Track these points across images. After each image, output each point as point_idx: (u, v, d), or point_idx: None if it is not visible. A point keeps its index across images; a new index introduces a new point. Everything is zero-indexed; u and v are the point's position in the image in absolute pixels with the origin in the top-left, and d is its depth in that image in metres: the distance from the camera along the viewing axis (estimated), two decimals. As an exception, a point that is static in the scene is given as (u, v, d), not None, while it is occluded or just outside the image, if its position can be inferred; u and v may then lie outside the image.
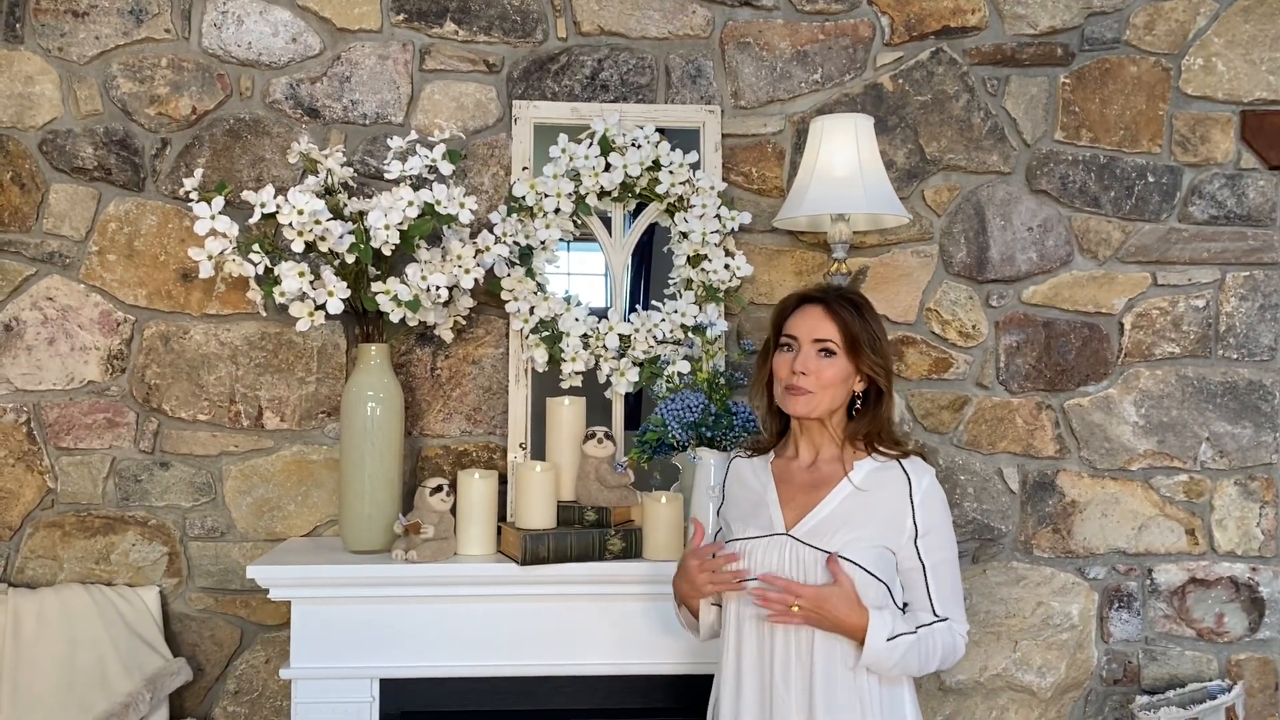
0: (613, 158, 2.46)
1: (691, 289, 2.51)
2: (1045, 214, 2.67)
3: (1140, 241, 2.69)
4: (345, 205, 2.33)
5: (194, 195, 2.26)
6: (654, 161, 2.48)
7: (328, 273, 2.24)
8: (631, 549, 2.26)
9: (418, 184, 2.35)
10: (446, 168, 2.33)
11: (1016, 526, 2.66)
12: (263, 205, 2.21)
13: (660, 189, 2.48)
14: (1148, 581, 2.69)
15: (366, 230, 2.24)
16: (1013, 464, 2.66)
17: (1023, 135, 2.67)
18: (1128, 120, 2.68)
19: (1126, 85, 2.68)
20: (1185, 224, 2.69)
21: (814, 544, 1.71)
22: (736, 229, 2.53)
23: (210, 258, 2.24)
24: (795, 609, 1.66)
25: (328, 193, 2.34)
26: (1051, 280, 2.67)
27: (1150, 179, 2.68)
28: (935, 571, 1.73)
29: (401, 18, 2.56)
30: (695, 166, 2.52)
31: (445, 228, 2.34)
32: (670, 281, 2.55)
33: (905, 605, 1.75)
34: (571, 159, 2.45)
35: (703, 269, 2.49)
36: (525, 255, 2.46)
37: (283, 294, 2.23)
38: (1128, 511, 2.68)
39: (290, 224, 2.19)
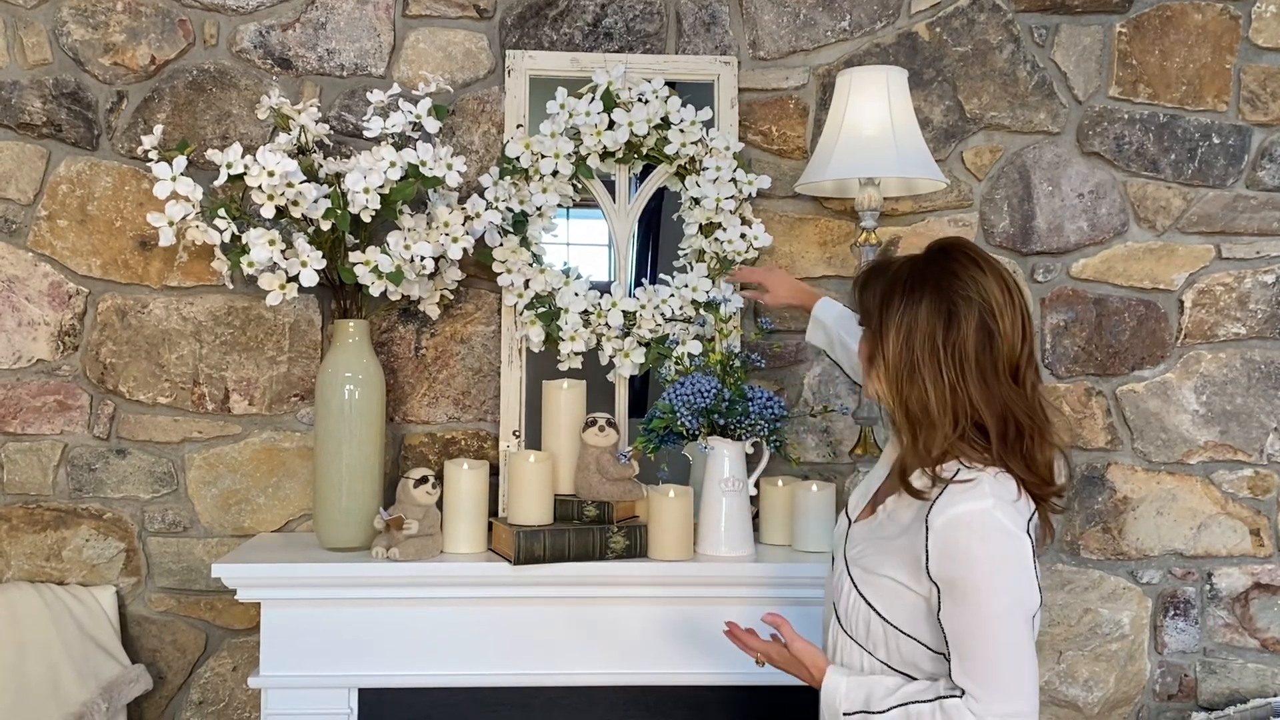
0: (617, 114, 2.44)
1: (704, 261, 2.50)
2: (1098, 179, 2.65)
3: (1203, 210, 2.67)
4: (320, 166, 2.32)
5: (153, 154, 2.25)
6: (663, 119, 2.47)
7: (301, 241, 2.23)
8: (635, 548, 2.26)
9: (400, 143, 2.34)
10: (432, 125, 2.31)
11: (1062, 525, 2.65)
12: (229, 166, 2.20)
13: (670, 149, 2.46)
14: (1207, 587, 2.68)
15: (344, 194, 2.23)
16: (1058, 457, 2.65)
17: (1073, 91, 2.64)
18: (1191, 74, 2.66)
19: (1190, 35, 2.65)
20: (1254, 190, 2.67)
21: (855, 578, 1.57)
22: (754, 194, 2.51)
23: (171, 224, 2.23)
24: (758, 661, 1.66)
25: (301, 152, 2.33)
26: (1104, 252, 2.65)
27: (1215, 140, 2.66)
28: (959, 630, 1.46)
29: (383, -43, 2.54)
30: (709, 124, 2.50)
31: (431, 191, 2.33)
32: (680, 253, 2.54)
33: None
34: (571, 115, 2.44)
35: (716, 239, 2.48)
36: (519, 223, 2.45)
37: (251, 264, 2.23)
38: (1186, 509, 2.67)
39: (259, 187, 2.18)
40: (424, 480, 2.23)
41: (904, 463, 1.54)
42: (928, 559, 1.47)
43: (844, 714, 1.53)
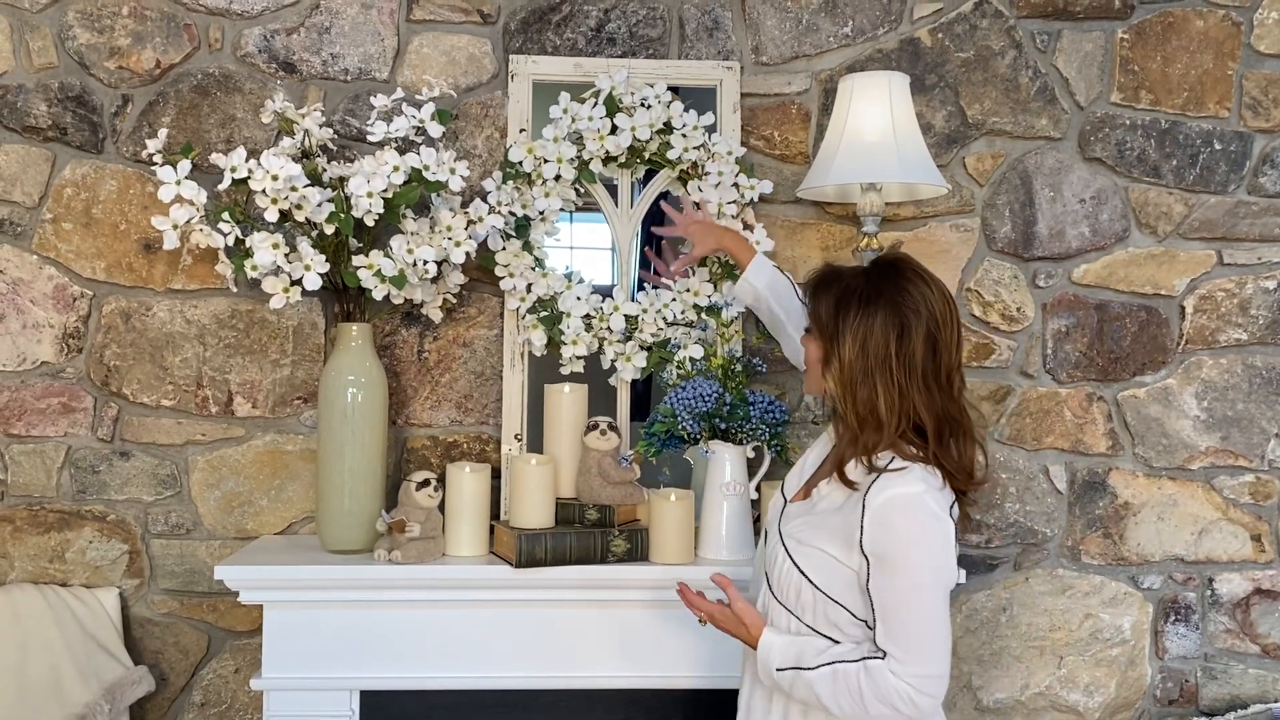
0: (619, 119, 2.46)
1: (706, 265, 2.51)
2: (1099, 184, 2.66)
3: (1205, 216, 2.68)
4: (324, 170, 2.33)
5: (158, 158, 2.26)
6: (665, 123, 2.48)
7: (304, 244, 2.25)
8: (637, 551, 2.27)
9: (404, 147, 2.35)
10: (436, 129, 2.33)
11: (1063, 530, 2.66)
12: (233, 169, 2.21)
13: (672, 154, 2.48)
14: (1208, 592, 2.69)
15: (347, 198, 2.24)
16: (1060, 461, 2.66)
17: (1075, 97, 2.66)
18: (1192, 81, 2.67)
19: (1192, 41, 2.66)
20: (1255, 196, 2.68)
21: (790, 549, 1.71)
22: (756, 199, 2.52)
23: (175, 227, 2.25)
24: (701, 620, 1.82)
25: (305, 156, 2.35)
26: (1105, 258, 2.66)
27: (1217, 146, 2.67)
28: (886, 599, 1.61)
29: (387, -38, 2.56)
30: (711, 129, 2.52)
31: (434, 196, 2.34)
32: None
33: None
34: (574, 120, 2.45)
35: (718, 243, 2.49)
36: (522, 227, 2.47)
37: (255, 268, 2.24)
38: (1187, 515, 2.68)
39: (263, 190, 2.19)
40: (426, 483, 2.24)
41: (842, 455, 1.69)
42: (862, 535, 1.61)
43: (777, 669, 1.68)
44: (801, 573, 1.68)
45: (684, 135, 2.48)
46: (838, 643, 1.66)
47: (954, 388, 1.69)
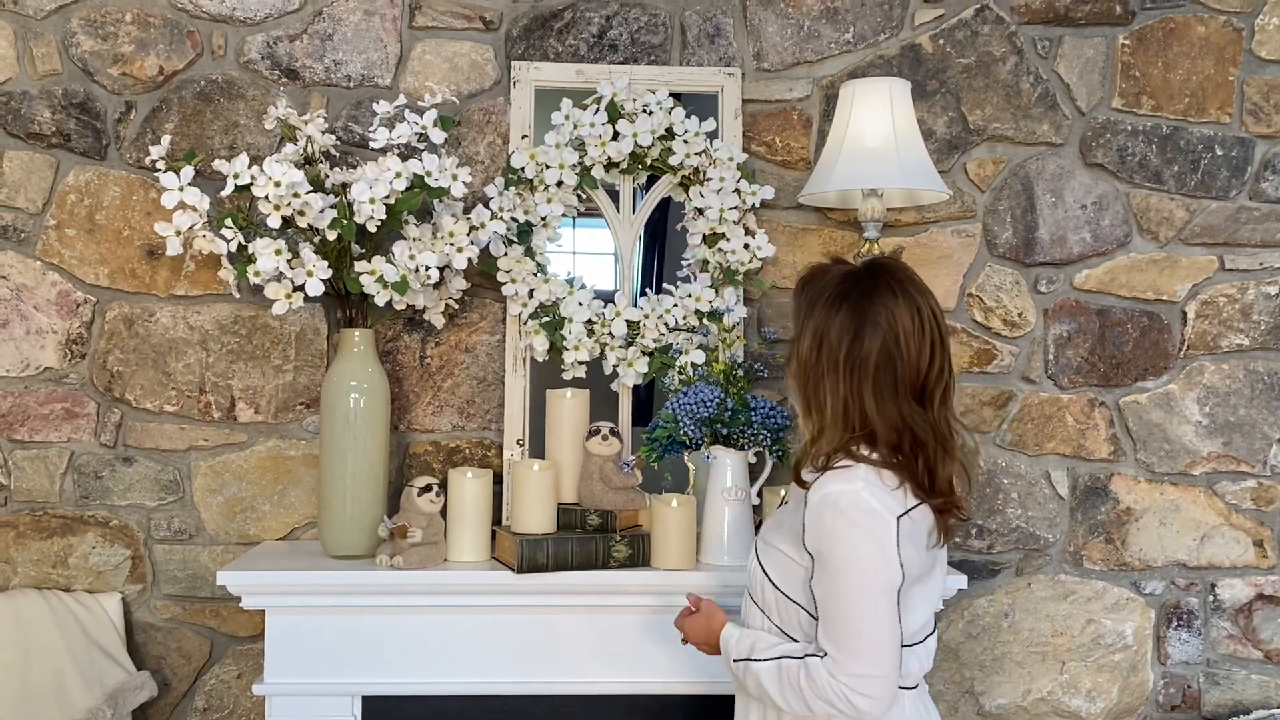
0: (621, 125, 2.47)
1: (708, 271, 2.52)
2: (1101, 190, 2.67)
3: (1206, 221, 2.68)
4: (326, 176, 2.34)
5: (161, 164, 2.27)
6: (667, 130, 2.49)
7: (307, 251, 2.26)
8: (638, 556, 2.27)
9: (406, 153, 2.36)
10: (438, 136, 2.34)
11: (1065, 536, 2.67)
12: (236, 176, 2.22)
13: (674, 160, 2.49)
14: (1210, 598, 2.69)
15: (350, 204, 2.25)
16: (1062, 467, 2.67)
17: (1076, 103, 2.66)
18: (1194, 86, 2.68)
19: (1193, 47, 2.67)
20: (1257, 202, 2.68)
21: (758, 549, 1.76)
22: (758, 205, 2.53)
23: (178, 233, 2.26)
24: (683, 640, 1.89)
25: (307, 162, 2.36)
26: (1107, 264, 2.67)
27: (1218, 152, 2.68)
28: (824, 597, 1.62)
29: (389, -31, 2.57)
30: (712, 135, 2.53)
31: (436, 202, 2.35)
32: (684, 262, 2.56)
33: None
34: (576, 126, 2.46)
35: (720, 249, 2.50)
36: (524, 233, 2.47)
37: (258, 274, 2.25)
38: (1189, 520, 2.68)
39: (266, 197, 2.20)
40: (428, 488, 2.24)
41: (800, 456, 1.73)
42: (804, 532, 1.64)
43: (733, 660, 1.73)
44: (765, 572, 1.72)
45: (685, 141, 2.48)
46: (797, 640, 1.68)
47: (929, 402, 1.67)
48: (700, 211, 2.50)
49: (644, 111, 2.48)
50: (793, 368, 1.72)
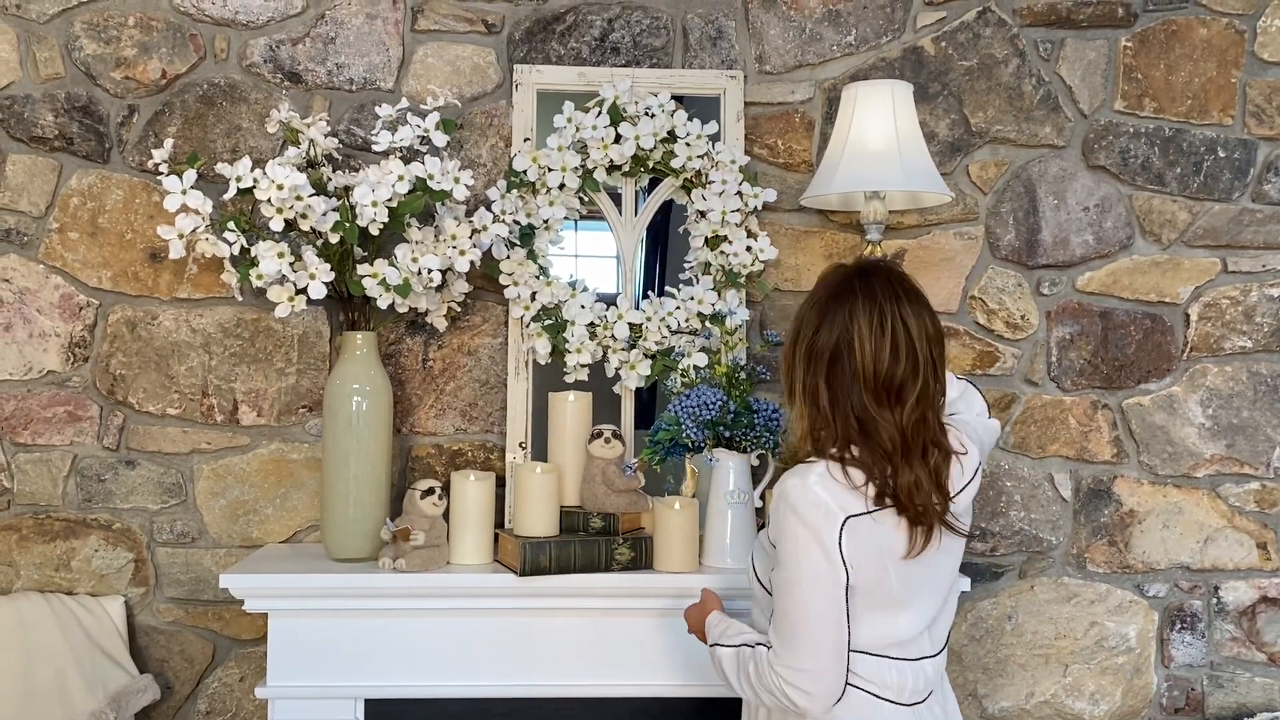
0: (623, 128, 2.47)
1: (710, 273, 2.52)
2: (1103, 192, 2.67)
3: (1209, 223, 2.68)
4: (329, 180, 2.35)
5: (164, 168, 2.28)
6: (669, 132, 2.50)
7: (309, 254, 2.26)
8: (641, 559, 2.27)
9: (409, 156, 2.37)
10: (440, 139, 2.34)
11: (1068, 538, 2.67)
12: (239, 179, 2.23)
13: (676, 163, 2.49)
14: (1214, 600, 2.69)
15: (352, 207, 2.26)
16: (1065, 469, 2.67)
17: (1079, 105, 2.67)
18: (1196, 88, 2.68)
19: (1195, 49, 2.67)
20: (1260, 204, 2.68)
21: (754, 548, 1.83)
22: (760, 207, 2.53)
23: (181, 236, 2.26)
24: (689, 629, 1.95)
25: (310, 166, 2.36)
26: (1110, 266, 2.67)
27: (1221, 154, 2.68)
28: (775, 589, 1.67)
29: (392, -28, 2.58)
30: (715, 138, 2.53)
31: (439, 205, 2.35)
32: (686, 265, 2.57)
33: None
34: (578, 129, 2.47)
35: (722, 251, 2.50)
36: (526, 235, 2.48)
37: (260, 277, 2.25)
38: (1192, 523, 2.68)
39: (269, 200, 2.20)
40: (431, 491, 2.25)
41: (784, 456, 1.81)
42: (767, 526, 1.71)
43: (710, 644, 1.80)
44: (754, 569, 1.79)
45: (688, 144, 2.49)
46: None
47: (899, 406, 1.64)
48: (702, 214, 2.50)
49: (646, 114, 2.49)
50: (784, 351, 1.78)
